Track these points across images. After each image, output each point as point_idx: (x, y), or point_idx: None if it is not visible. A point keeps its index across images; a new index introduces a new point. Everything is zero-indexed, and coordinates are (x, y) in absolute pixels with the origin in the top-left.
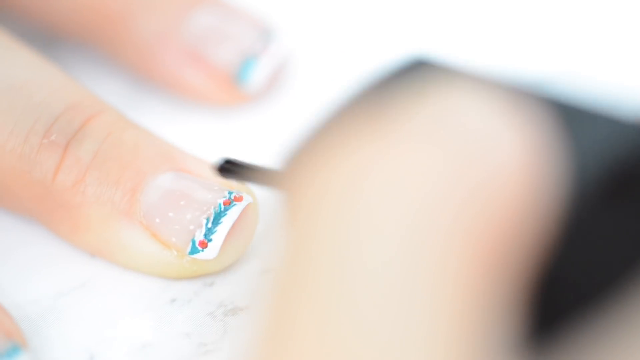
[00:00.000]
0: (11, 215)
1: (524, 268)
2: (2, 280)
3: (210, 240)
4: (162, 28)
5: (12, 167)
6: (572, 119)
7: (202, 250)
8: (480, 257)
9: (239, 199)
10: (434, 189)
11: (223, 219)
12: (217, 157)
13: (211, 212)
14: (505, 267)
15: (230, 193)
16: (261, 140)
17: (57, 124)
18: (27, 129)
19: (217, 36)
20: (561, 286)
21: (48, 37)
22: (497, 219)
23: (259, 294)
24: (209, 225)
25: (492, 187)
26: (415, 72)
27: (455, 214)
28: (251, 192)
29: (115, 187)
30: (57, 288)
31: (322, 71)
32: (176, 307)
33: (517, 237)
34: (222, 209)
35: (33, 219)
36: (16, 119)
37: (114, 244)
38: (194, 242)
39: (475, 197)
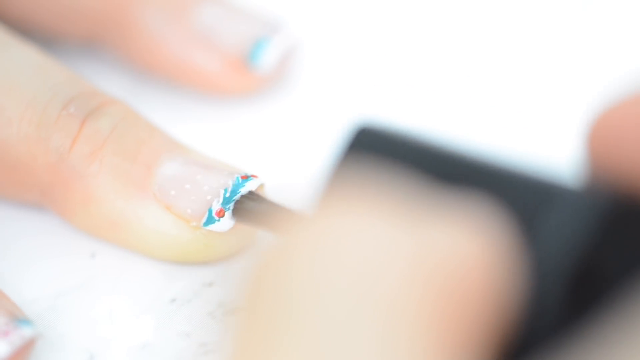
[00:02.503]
0: (11, 215)
1: (483, 350)
2: (2, 280)
3: (228, 209)
4: (171, 15)
5: (28, 136)
6: (530, 204)
7: (219, 220)
8: (442, 335)
9: (254, 176)
10: (400, 268)
11: (241, 190)
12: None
13: (229, 184)
14: (466, 346)
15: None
16: (265, 138)
17: (74, 101)
18: (45, 102)
19: (227, 21)
20: None
21: (47, 39)
22: (458, 300)
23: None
24: (227, 195)
25: (454, 271)
26: (363, 149)
27: (420, 294)
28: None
29: (131, 160)
30: (56, 288)
31: (326, 67)
32: (176, 307)
33: (478, 317)
34: (240, 181)
35: (42, 199)
36: (34, 93)
37: (127, 216)
38: (210, 212)
39: (438, 277)
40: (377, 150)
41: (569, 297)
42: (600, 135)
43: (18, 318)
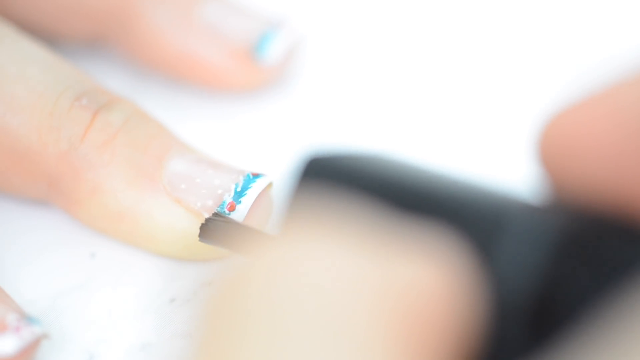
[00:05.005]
0: (11, 215)
1: None
2: (2, 280)
3: (239, 202)
4: (177, 11)
5: (40, 125)
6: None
7: (229, 214)
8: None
9: (264, 174)
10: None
11: (252, 185)
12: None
13: (240, 179)
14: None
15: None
16: (269, 136)
17: (87, 94)
18: (58, 93)
19: (232, 17)
20: None
21: (50, 39)
22: (421, 329)
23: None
24: (238, 189)
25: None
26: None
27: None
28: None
29: (142, 152)
30: (56, 288)
31: (328, 67)
32: (176, 306)
33: (441, 344)
34: (251, 177)
35: (48, 191)
36: (46, 84)
37: (136, 208)
38: (222, 205)
39: (401, 306)
40: (330, 179)
41: (530, 322)
42: (550, 144)
43: (28, 316)
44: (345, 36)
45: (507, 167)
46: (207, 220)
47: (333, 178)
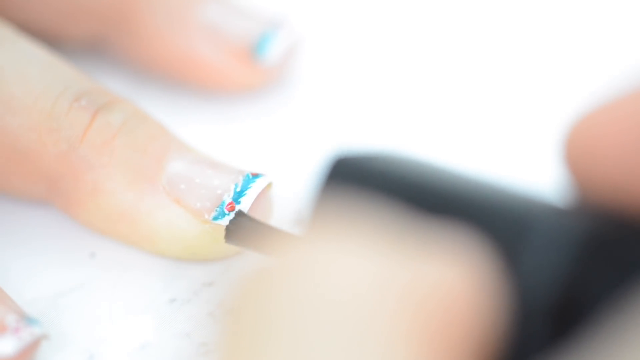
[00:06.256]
0: (11, 215)
1: None
2: (2, 280)
3: (239, 202)
4: (177, 11)
5: (39, 126)
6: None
7: (228, 214)
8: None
9: (264, 174)
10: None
11: (252, 185)
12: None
13: (240, 179)
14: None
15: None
16: (269, 138)
17: (86, 95)
18: (56, 94)
19: (232, 17)
20: None
21: (50, 42)
22: (446, 330)
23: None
24: (238, 189)
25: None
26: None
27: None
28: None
29: (142, 153)
30: (56, 288)
31: (328, 67)
32: (176, 307)
33: (466, 346)
34: (250, 177)
35: (48, 192)
36: (45, 85)
37: (136, 208)
38: (222, 205)
39: (427, 309)
40: (356, 180)
41: (552, 324)
42: (575, 146)
43: (27, 317)
44: (345, 36)
45: (532, 169)
46: (232, 220)
47: (359, 179)
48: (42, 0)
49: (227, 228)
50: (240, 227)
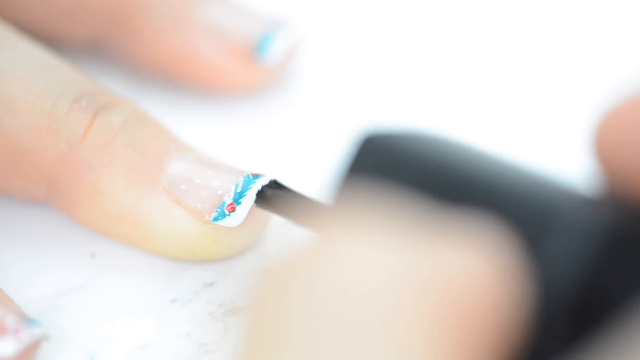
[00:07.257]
0: (11, 215)
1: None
2: (2, 280)
3: (239, 203)
4: (178, 11)
5: (39, 126)
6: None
7: (229, 215)
8: (444, 337)
9: (264, 174)
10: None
11: (252, 185)
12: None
13: (240, 179)
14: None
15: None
16: (270, 138)
17: (86, 96)
18: (57, 94)
19: (234, 17)
20: None
21: (51, 43)
22: (468, 320)
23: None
24: (238, 190)
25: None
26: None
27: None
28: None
29: (142, 153)
30: (57, 288)
31: (329, 67)
32: (176, 307)
33: (487, 336)
34: (250, 178)
35: (48, 192)
36: (45, 86)
37: (136, 209)
38: (222, 206)
39: (448, 299)
40: (383, 159)
41: (574, 317)
42: (606, 137)
43: (27, 318)
44: (346, 36)
45: (562, 158)
46: (263, 188)
47: (387, 157)
48: (43, 0)
49: (259, 195)
50: (272, 194)
